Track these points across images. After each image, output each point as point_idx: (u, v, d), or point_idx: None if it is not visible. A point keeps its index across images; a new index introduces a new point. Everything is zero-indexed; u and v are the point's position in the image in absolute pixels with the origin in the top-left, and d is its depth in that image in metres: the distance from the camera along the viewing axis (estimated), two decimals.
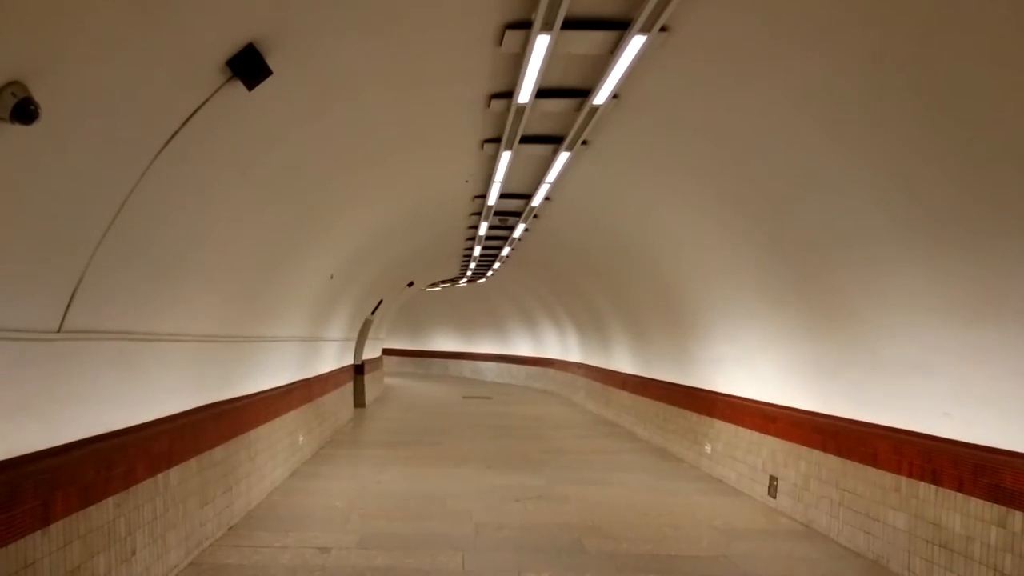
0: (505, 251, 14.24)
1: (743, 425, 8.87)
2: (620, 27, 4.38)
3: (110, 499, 4.52)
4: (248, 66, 3.63)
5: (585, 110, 5.78)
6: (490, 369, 27.65)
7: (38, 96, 2.61)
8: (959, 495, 5.21)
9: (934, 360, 5.29)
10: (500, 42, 4.56)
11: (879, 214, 5.21)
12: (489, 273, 18.73)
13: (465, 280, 20.96)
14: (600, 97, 5.44)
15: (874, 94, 4.35)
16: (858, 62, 4.17)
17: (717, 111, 5.56)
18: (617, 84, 5.16)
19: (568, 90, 5.62)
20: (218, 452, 6.51)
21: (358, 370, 17.39)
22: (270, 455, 8.35)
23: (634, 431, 13.88)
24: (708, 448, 10.03)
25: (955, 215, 4.56)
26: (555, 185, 8.50)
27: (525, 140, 6.78)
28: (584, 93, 5.59)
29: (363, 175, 7.27)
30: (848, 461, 6.58)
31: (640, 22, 4.14)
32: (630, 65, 4.77)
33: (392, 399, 20.38)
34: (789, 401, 7.71)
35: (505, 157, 7.19)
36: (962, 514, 5.17)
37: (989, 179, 4.15)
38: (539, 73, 4.93)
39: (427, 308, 28.51)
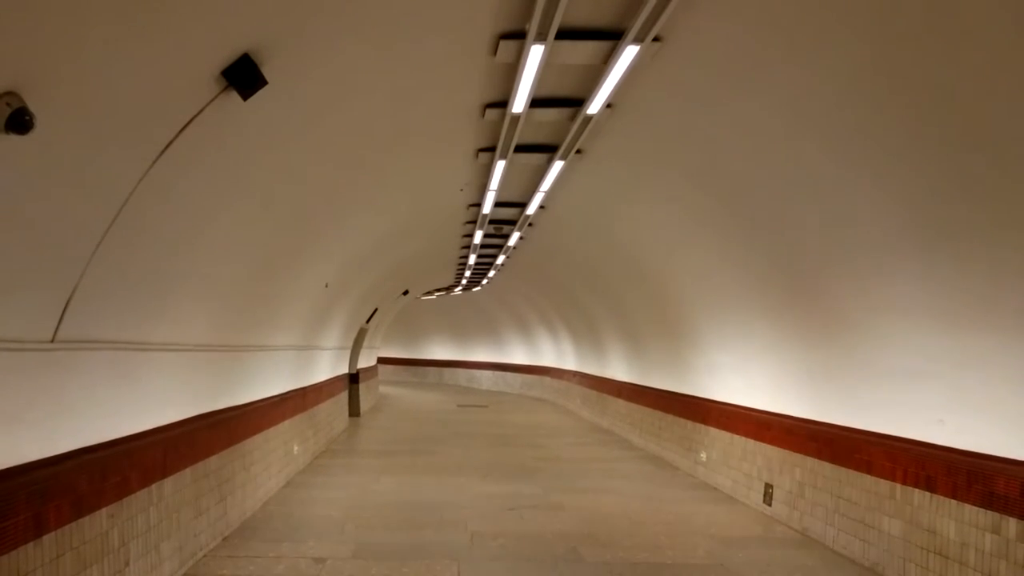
0: (500, 259, 14.27)
1: (738, 433, 8.87)
2: (614, 37, 4.41)
3: (103, 510, 4.49)
4: (243, 76, 3.64)
5: (579, 119, 5.81)
6: (486, 377, 27.59)
7: (33, 107, 2.62)
8: (953, 502, 5.22)
9: (927, 367, 5.31)
10: (494, 52, 4.59)
11: (873, 222, 5.24)
12: (484, 281, 18.74)
13: (460, 288, 20.97)
14: (594, 106, 5.46)
15: (867, 104, 4.39)
16: (851, 72, 4.21)
17: (711, 120, 5.60)
18: (611, 94, 5.19)
19: (562, 99, 5.65)
20: (213, 462, 6.48)
21: (353, 379, 17.34)
22: (264, 465, 8.32)
23: (629, 439, 13.87)
24: (703, 456, 10.03)
25: (948, 224, 4.59)
26: (550, 194, 8.53)
27: (520, 149, 6.80)
28: (578, 102, 5.62)
29: (358, 184, 7.29)
30: (843, 468, 6.59)
31: (633, 32, 4.17)
32: (624, 75, 4.80)
33: (387, 408, 20.32)
34: (784, 409, 7.72)
35: (500, 166, 7.21)
36: (956, 521, 5.19)
37: (981, 188, 4.18)
38: (533, 83, 4.95)
39: (422, 316, 28.47)
